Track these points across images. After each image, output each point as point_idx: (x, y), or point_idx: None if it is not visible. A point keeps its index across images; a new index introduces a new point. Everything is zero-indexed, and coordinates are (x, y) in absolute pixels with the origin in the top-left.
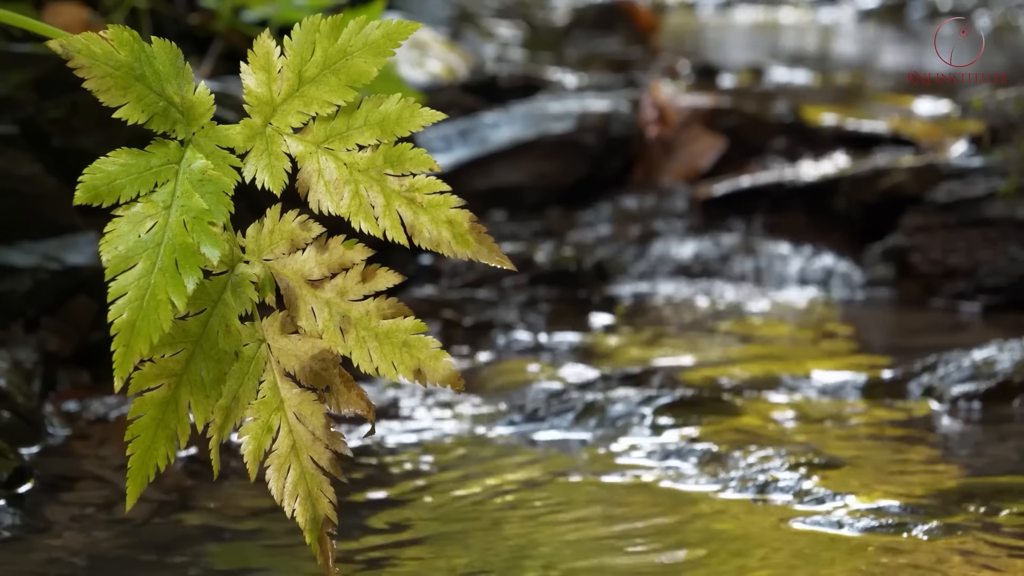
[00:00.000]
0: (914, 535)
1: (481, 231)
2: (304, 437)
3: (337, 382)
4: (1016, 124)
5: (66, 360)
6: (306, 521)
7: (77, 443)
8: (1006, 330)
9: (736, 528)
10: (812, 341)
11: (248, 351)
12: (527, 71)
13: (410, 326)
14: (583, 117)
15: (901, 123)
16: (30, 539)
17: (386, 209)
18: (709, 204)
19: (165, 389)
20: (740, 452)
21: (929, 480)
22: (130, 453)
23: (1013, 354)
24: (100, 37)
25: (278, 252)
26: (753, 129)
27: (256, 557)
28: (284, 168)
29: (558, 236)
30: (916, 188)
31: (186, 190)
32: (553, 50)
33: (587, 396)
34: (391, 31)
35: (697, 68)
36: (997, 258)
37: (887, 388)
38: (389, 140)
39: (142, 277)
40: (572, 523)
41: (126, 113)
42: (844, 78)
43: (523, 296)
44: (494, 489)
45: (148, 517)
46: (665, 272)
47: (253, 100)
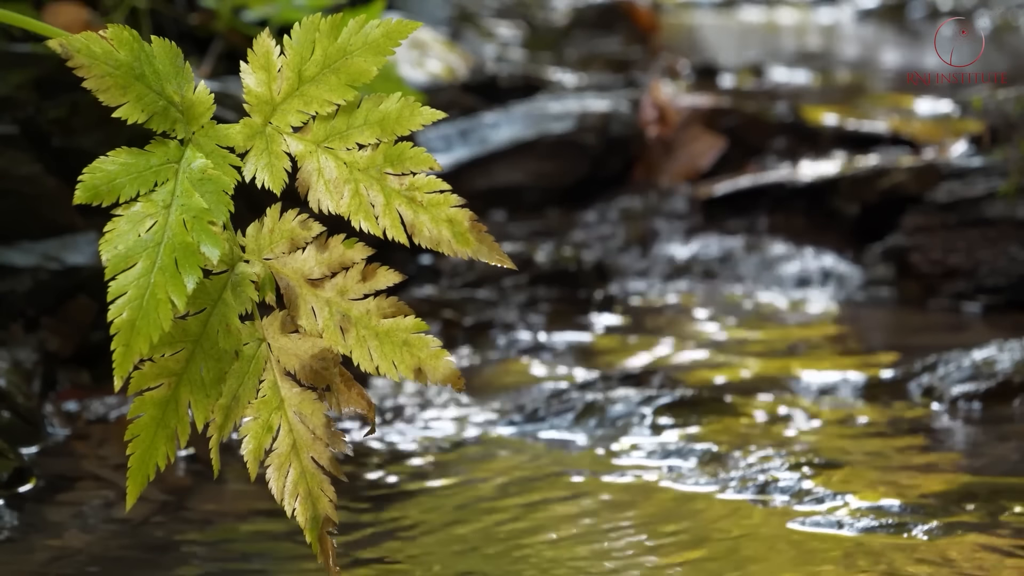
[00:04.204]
0: (914, 535)
1: (481, 230)
2: (304, 436)
3: (337, 381)
4: (1016, 124)
5: (66, 360)
6: (306, 520)
7: (77, 443)
8: (1006, 330)
9: (736, 528)
10: (812, 341)
11: (248, 350)
12: (527, 71)
13: (410, 325)
14: (583, 117)
15: (901, 123)
16: (30, 539)
17: (386, 208)
18: (709, 204)
19: (165, 388)
20: (740, 452)
21: (929, 480)
22: (130, 453)
23: (1013, 354)
24: (100, 36)
25: (278, 251)
26: (753, 129)
27: (256, 557)
28: (284, 167)
29: (558, 236)
30: (916, 188)
31: (186, 189)
32: (553, 50)
33: (587, 396)
34: (391, 30)
35: (697, 68)
36: (997, 258)
37: (887, 388)
38: (389, 139)
39: (142, 276)
40: (571, 523)
41: (126, 112)
42: (844, 78)
43: (523, 296)
44: (494, 489)
45: (148, 517)
46: (665, 272)
47: (253, 99)
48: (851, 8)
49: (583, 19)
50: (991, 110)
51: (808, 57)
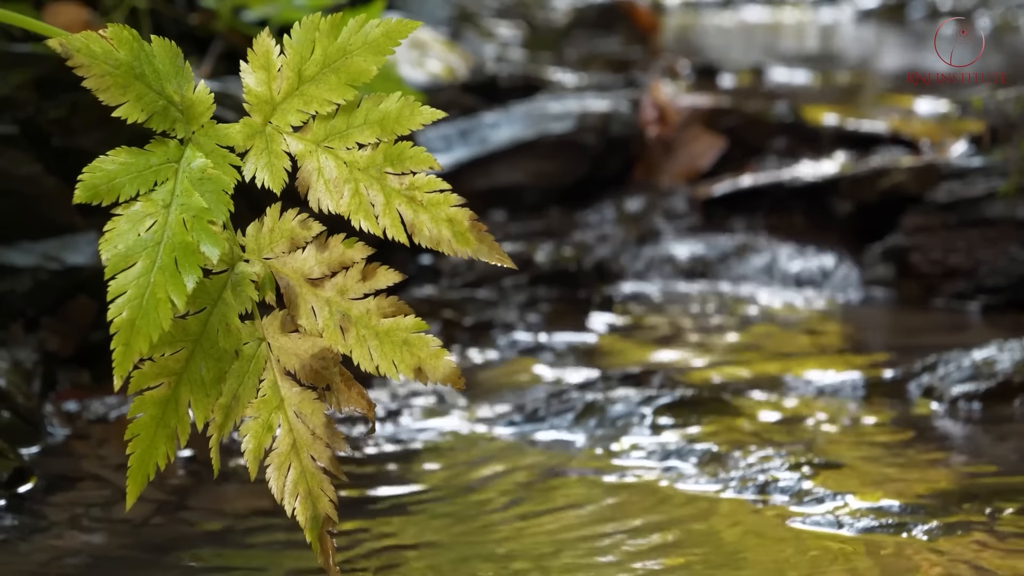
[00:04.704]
0: (914, 535)
1: (481, 229)
2: (304, 436)
3: (337, 381)
4: (1016, 124)
5: (66, 360)
6: (306, 520)
7: (77, 443)
8: (1006, 330)
9: (736, 528)
10: (812, 341)
11: (248, 350)
12: (527, 71)
13: (410, 324)
14: (583, 117)
15: (901, 123)
16: (30, 539)
17: (386, 207)
18: (709, 204)
19: (165, 388)
20: (740, 452)
21: (929, 480)
22: (130, 452)
23: (1013, 354)
24: (100, 36)
25: (278, 251)
26: (753, 129)
27: (256, 557)
28: (284, 167)
29: (558, 236)
30: (916, 188)
31: (186, 189)
32: (553, 50)
33: (587, 396)
34: (391, 30)
35: (697, 68)
36: (997, 258)
37: (887, 388)
38: (389, 138)
39: (142, 276)
40: (571, 523)
41: (126, 112)
42: (844, 78)
43: (523, 296)
44: (493, 489)
45: (148, 517)
46: (665, 272)
47: (253, 99)
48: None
49: (583, 19)
50: (991, 110)
51: (808, 57)
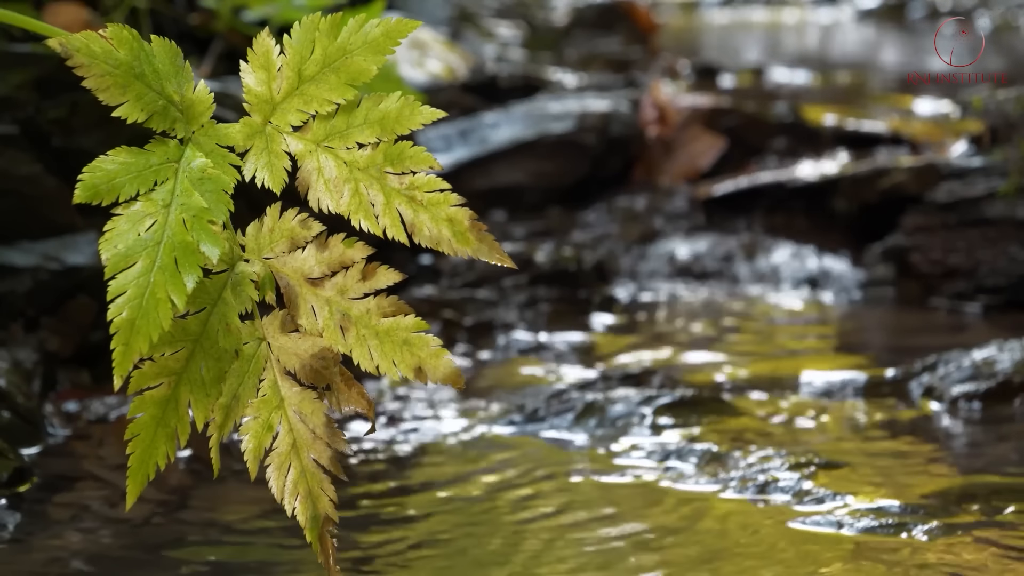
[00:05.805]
0: (914, 535)
1: (481, 229)
2: (304, 435)
3: (337, 380)
4: (1016, 124)
5: (66, 360)
6: (307, 520)
7: (77, 443)
8: (1006, 330)
9: (736, 528)
10: (812, 341)
11: (248, 349)
12: (527, 71)
13: (410, 324)
14: (583, 117)
15: (901, 123)
16: (30, 539)
17: (386, 207)
18: (709, 204)
19: (165, 388)
20: (740, 452)
21: (929, 480)
22: (130, 452)
23: (1013, 354)
24: (99, 36)
25: (278, 250)
26: (753, 129)
27: (256, 556)
28: (284, 166)
29: (558, 236)
30: (916, 188)
31: (186, 188)
32: (553, 50)
33: (587, 396)
34: (391, 29)
35: (697, 68)
36: (997, 258)
37: (887, 388)
38: (389, 138)
39: (141, 275)
40: (571, 523)
41: (125, 112)
42: (844, 78)
43: (523, 296)
44: (493, 489)
45: (148, 517)
46: (665, 272)
47: (253, 98)
48: (851, 8)
49: (583, 19)
50: (991, 110)
51: (808, 57)
